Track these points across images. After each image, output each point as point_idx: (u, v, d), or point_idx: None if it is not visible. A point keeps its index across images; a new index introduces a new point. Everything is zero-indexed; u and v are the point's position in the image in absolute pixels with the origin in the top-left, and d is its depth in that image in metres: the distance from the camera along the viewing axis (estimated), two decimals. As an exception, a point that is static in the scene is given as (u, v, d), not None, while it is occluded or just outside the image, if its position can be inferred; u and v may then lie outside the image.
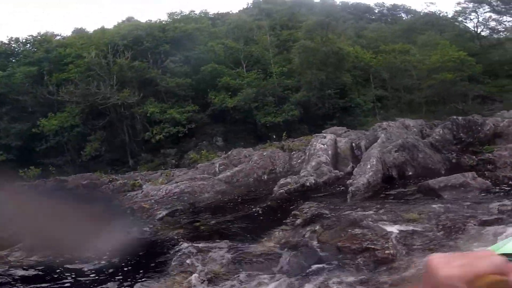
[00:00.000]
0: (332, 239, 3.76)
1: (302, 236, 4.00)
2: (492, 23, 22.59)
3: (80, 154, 15.22)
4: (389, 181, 6.02)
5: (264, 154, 9.27)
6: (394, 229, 3.78)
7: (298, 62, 16.76)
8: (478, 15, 21.92)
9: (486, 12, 21.88)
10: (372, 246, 3.32)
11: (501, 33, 22.51)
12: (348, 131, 10.34)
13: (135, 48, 17.12)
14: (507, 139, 6.34)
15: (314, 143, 7.94)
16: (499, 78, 17.44)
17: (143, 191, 7.65)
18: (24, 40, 19.76)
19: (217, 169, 9.22)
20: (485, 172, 5.73)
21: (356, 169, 6.33)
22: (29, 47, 19.82)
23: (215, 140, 17.31)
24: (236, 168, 8.74)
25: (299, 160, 8.83)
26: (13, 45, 19.63)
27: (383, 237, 3.53)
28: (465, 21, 23.19)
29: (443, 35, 21.03)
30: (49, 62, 17.74)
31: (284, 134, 11.77)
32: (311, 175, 6.66)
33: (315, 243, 3.76)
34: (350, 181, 6.00)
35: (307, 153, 7.92)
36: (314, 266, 3.34)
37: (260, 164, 8.86)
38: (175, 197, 6.85)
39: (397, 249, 3.28)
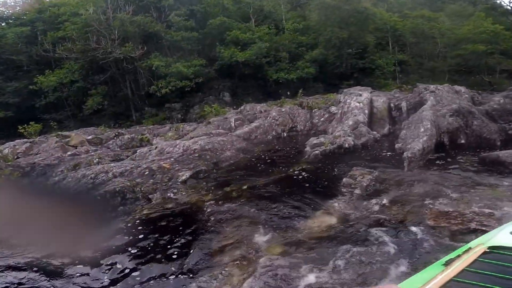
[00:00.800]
0: (414, 216, 3.07)
1: (369, 211, 3.28)
2: None
3: (81, 108, 14.22)
4: (440, 148, 5.26)
5: (283, 110, 8.35)
6: (486, 206, 3.09)
7: (316, 19, 15.32)
8: None
9: None
10: (483, 228, 2.62)
11: None
12: (374, 91, 9.36)
13: (136, 2, 15.20)
14: None
15: (348, 100, 7.01)
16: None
17: (157, 147, 6.60)
18: (12, 3, 18.35)
19: (232, 124, 8.33)
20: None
21: (404, 131, 5.52)
22: (18, 9, 18.12)
23: (222, 95, 16.26)
24: (254, 124, 7.86)
25: (322, 119, 7.99)
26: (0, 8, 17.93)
27: (487, 216, 2.84)
28: None
29: (476, 7, 19.58)
30: (42, 22, 16.15)
31: (300, 92, 10.73)
32: (349, 136, 5.84)
33: (392, 220, 3.05)
34: (400, 145, 5.22)
35: (340, 111, 7.02)
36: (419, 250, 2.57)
37: (279, 120, 7.97)
38: (196, 155, 5.89)
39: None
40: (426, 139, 4.99)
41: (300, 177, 4.68)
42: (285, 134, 7.54)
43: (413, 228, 2.87)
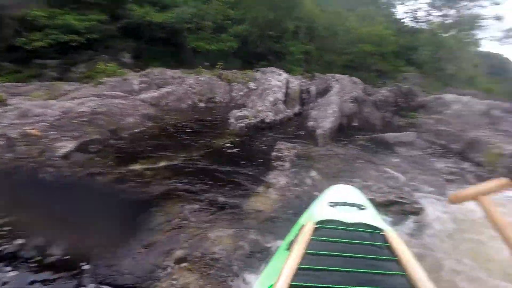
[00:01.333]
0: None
1: (304, 184, 3.45)
2: (420, 13, 25.52)
3: None
4: (341, 128, 6.07)
5: (202, 79, 7.95)
6: (394, 177, 3.76)
7: None
8: (414, 2, 24.09)
9: (422, 3, 24.32)
10: (400, 200, 3.16)
11: (422, 23, 25.85)
12: (286, 73, 9.96)
13: None
14: (428, 111, 7.31)
15: (270, 78, 7.24)
16: (398, 59, 20.46)
17: (18, 107, 4.63)
18: None
19: (136, 87, 7.33)
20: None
21: (315, 112, 6.10)
22: None
23: (122, 56, 14.07)
24: (165, 89, 7.18)
25: (241, 93, 8.02)
26: None
27: (399, 189, 3.43)
28: (400, 4, 25.39)
29: (378, 12, 22.81)
30: None
31: (219, 63, 10.43)
32: (269, 111, 6.06)
33: None
34: (312, 123, 5.76)
35: (261, 88, 7.16)
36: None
37: (197, 89, 7.57)
38: (84, 119, 4.53)
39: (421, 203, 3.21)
40: (333, 120, 5.65)
41: (230, 150, 4.44)
42: (202, 104, 7.21)
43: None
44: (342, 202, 1.47)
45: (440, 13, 25.50)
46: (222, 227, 2.49)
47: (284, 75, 7.46)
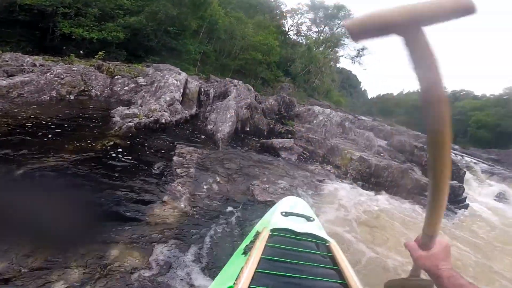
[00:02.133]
0: (246, 192, 3.65)
1: (210, 190, 3.51)
2: (303, 28, 28.91)
3: None
4: (236, 133, 6.49)
5: (74, 69, 6.80)
6: (282, 179, 4.29)
7: None
8: (301, 17, 27.21)
9: (306, 18, 27.63)
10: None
11: (302, 37, 29.42)
12: (182, 72, 9.75)
13: None
14: (301, 120, 8.71)
15: (167, 76, 6.86)
16: (278, 69, 23.04)
17: None
18: None
19: None
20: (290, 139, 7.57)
21: (214, 115, 6.25)
22: None
23: None
24: (19, 78, 5.80)
25: (126, 88, 7.34)
26: None
27: (288, 190, 3.93)
28: (290, 17, 28.10)
29: (273, 21, 24.64)
30: None
31: (100, 53, 9.10)
32: (165, 111, 5.79)
33: (233, 197, 3.47)
34: (211, 126, 5.88)
35: (156, 85, 6.71)
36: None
37: (66, 80, 6.42)
38: None
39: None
40: (231, 124, 5.97)
41: (118, 155, 3.77)
42: (71, 97, 6.13)
43: (251, 203, 3.50)
44: (293, 213, 1.65)
45: (317, 30, 30.37)
46: (125, 244, 2.29)
47: (184, 74, 7.27)
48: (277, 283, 0.96)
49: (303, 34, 29.68)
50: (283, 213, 1.63)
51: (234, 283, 0.93)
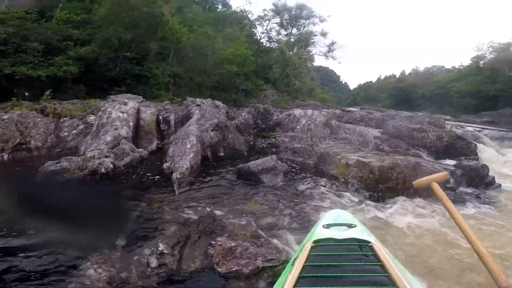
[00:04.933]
0: (202, 259, 2.23)
1: (142, 270, 2.07)
2: (273, 33, 28.07)
3: None
4: (205, 161, 5.03)
5: (5, 117, 5.40)
6: (257, 226, 2.81)
7: (103, 15, 12.59)
8: (269, 23, 26.50)
9: (274, 23, 26.88)
10: (269, 264, 2.17)
11: (274, 43, 28.55)
12: (145, 101, 8.34)
13: None
14: (283, 128, 7.29)
15: (109, 109, 5.40)
16: (258, 78, 21.83)
17: None
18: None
19: None
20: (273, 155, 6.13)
21: (172, 148, 4.79)
22: None
23: None
24: None
25: (74, 131, 5.91)
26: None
27: (263, 245, 2.46)
28: (259, 25, 27.27)
29: (242, 32, 23.66)
30: None
31: (47, 93, 7.65)
32: (106, 156, 4.32)
33: (179, 272, 2.03)
34: (168, 164, 4.41)
35: (97, 123, 5.27)
36: None
37: None
38: None
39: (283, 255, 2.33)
40: (193, 156, 4.51)
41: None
42: (6, 156, 4.70)
43: (205, 279, 2.11)
44: (334, 224, 1.57)
45: (286, 33, 29.57)
46: None
47: (132, 104, 5.81)
48: (321, 284, 0.93)
49: (274, 39, 28.71)
50: (325, 226, 1.56)
51: None
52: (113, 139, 4.78)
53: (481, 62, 32.04)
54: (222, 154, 5.42)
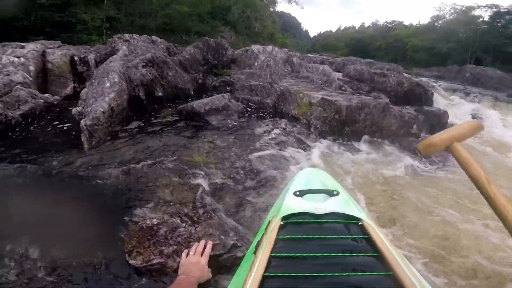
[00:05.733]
0: (113, 250, 1.38)
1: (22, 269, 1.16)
2: None
3: None
4: (136, 103, 3.90)
5: None
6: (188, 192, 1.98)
7: None
8: None
9: None
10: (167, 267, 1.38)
11: None
12: (65, 45, 6.51)
13: None
14: (239, 66, 6.21)
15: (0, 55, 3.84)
16: (215, 20, 19.32)
17: None
18: None
19: None
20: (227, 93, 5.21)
21: (86, 89, 3.54)
22: None
23: None
24: None
25: None
26: None
27: (203, 223, 1.66)
28: None
29: None
30: None
31: None
32: (-11, 103, 2.99)
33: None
34: (79, 108, 3.22)
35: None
36: None
37: None
38: None
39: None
40: (114, 96, 3.36)
41: None
42: None
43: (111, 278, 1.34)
44: (310, 190, 1.14)
45: None
46: None
47: (31, 46, 4.31)
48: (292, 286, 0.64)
49: None
50: (297, 193, 1.11)
51: None
52: (3, 87, 3.37)
53: (440, 22, 33.10)
54: (160, 94, 4.30)
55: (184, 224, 1.68)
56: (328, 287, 0.63)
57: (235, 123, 3.73)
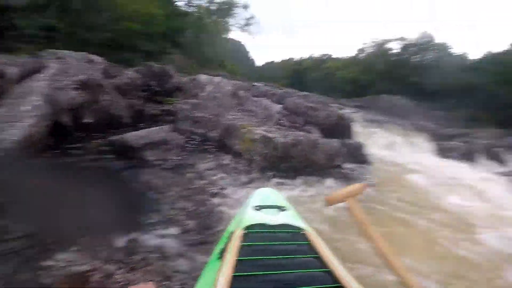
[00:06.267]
0: None
1: None
2: None
3: None
4: (58, 131, 3.41)
5: None
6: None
7: None
8: None
9: None
10: None
11: (193, 7, 24.60)
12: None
13: None
14: (184, 94, 6.11)
15: None
16: (165, 41, 18.77)
17: None
18: None
19: None
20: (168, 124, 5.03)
21: (2, 110, 2.97)
22: None
23: None
24: None
25: None
26: None
27: (141, 270, 1.42)
28: None
29: None
30: None
31: None
32: None
33: None
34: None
35: None
36: None
37: None
38: None
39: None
40: (34, 122, 2.90)
41: None
42: None
43: None
44: (266, 205, 1.38)
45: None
46: None
47: None
48: (257, 284, 0.79)
49: (194, 4, 25.30)
50: (257, 207, 1.33)
51: None
52: None
53: (362, 55, 37.85)
54: (91, 120, 3.88)
55: (120, 270, 1.49)
56: (282, 282, 0.78)
57: (175, 158, 3.57)
